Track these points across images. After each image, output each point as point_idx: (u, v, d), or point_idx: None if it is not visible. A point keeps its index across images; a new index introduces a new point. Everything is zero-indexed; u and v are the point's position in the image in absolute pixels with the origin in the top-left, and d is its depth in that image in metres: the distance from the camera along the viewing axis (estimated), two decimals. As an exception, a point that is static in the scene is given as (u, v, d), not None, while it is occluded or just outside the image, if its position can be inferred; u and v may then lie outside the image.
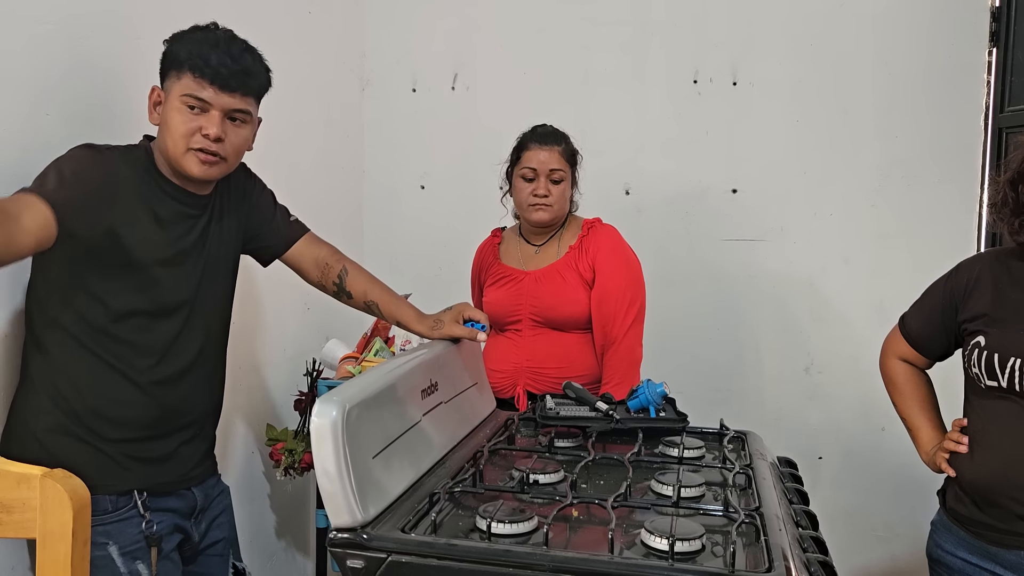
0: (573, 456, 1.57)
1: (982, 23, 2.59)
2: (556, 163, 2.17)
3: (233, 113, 1.52)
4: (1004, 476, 1.53)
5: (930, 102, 2.66)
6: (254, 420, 2.39)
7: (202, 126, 1.48)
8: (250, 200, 1.74)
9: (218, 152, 1.51)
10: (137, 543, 1.50)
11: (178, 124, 1.48)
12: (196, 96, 1.47)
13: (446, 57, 3.02)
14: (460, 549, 1.16)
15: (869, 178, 2.73)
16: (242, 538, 2.34)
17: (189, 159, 1.50)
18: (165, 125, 1.50)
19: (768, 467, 1.58)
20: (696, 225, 2.86)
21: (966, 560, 1.61)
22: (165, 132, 1.50)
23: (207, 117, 1.48)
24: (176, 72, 1.48)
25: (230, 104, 1.50)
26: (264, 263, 1.83)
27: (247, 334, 2.31)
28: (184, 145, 1.49)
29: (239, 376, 2.33)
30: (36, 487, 0.99)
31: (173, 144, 1.49)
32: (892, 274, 2.67)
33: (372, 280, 1.85)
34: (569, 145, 2.22)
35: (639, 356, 2.17)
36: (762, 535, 1.20)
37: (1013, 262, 1.59)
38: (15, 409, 1.51)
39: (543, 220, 2.19)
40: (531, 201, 2.17)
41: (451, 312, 1.79)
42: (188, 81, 1.47)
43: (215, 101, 1.48)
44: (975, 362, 1.56)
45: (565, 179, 2.19)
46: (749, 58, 2.78)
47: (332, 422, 1.16)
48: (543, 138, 2.19)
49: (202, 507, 1.67)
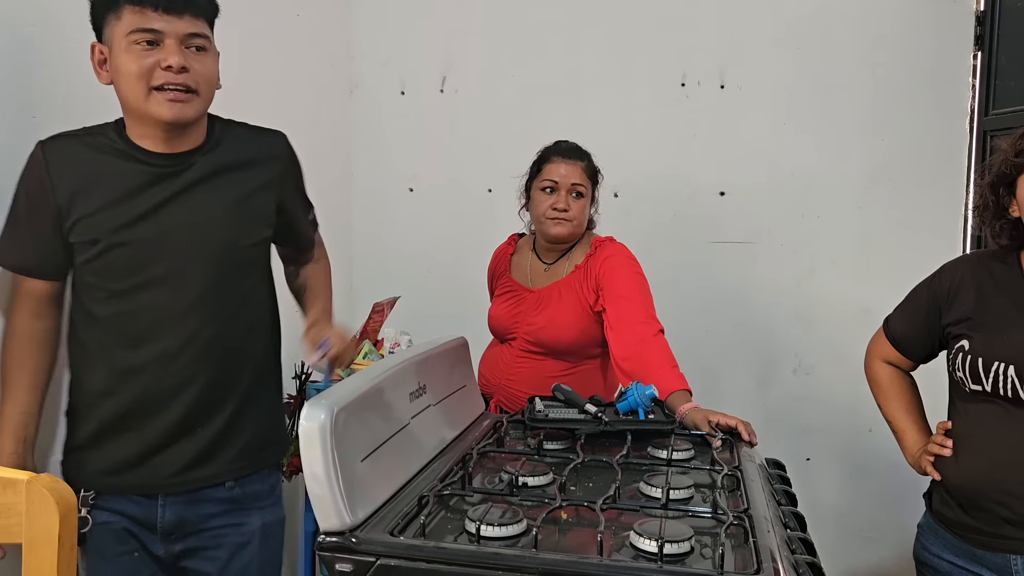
0: (562, 458, 1.57)
1: (967, 27, 2.61)
2: (578, 177, 2.12)
3: (189, 40, 1.35)
4: (989, 479, 1.53)
5: (916, 105, 2.68)
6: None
7: (159, 59, 1.32)
8: (284, 178, 1.57)
9: (186, 84, 1.34)
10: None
11: (130, 65, 1.32)
12: (143, 28, 1.31)
13: (435, 59, 3.01)
14: (449, 552, 1.15)
15: (856, 181, 2.75)
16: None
17: (154, 102, 1.34)
18: (118, 74, 1.34)
19: (756, 468, 1.59)
20: (684, 227, 2.87)
21: (952, 563, 1.62)
22: (121, 82, 1.34)
23: (162, 49, 1.32)
24: (113, 13, 1.33)
25: (184, 28, 1.34)
26: (285, 259, 1.75)
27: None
28: (144, 87, 1.33)
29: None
30: (22, 492, 0.98)
31: (131, 91, 1.33)
32: (879, 276, 2.68)
33: (320, 286, 1.73)
34: (592, 162, 2.18)
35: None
36: (751, 537, 1.21)
37: (996, 265, 1.60)
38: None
39: (561, 235, 2.13)
40: (550, 214, 2.11)
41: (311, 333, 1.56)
42: (129, 16, 1.31)
43: (167, 28, 1.32)
44: (959, 366, 1.57)
45: (586, 195, 2.14)
46: (736, 61, 2.79)
47: (320, 425, 1.15)
48: (566, 152, 2.15)
49: (172, 528, 1.49)
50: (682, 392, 1.85)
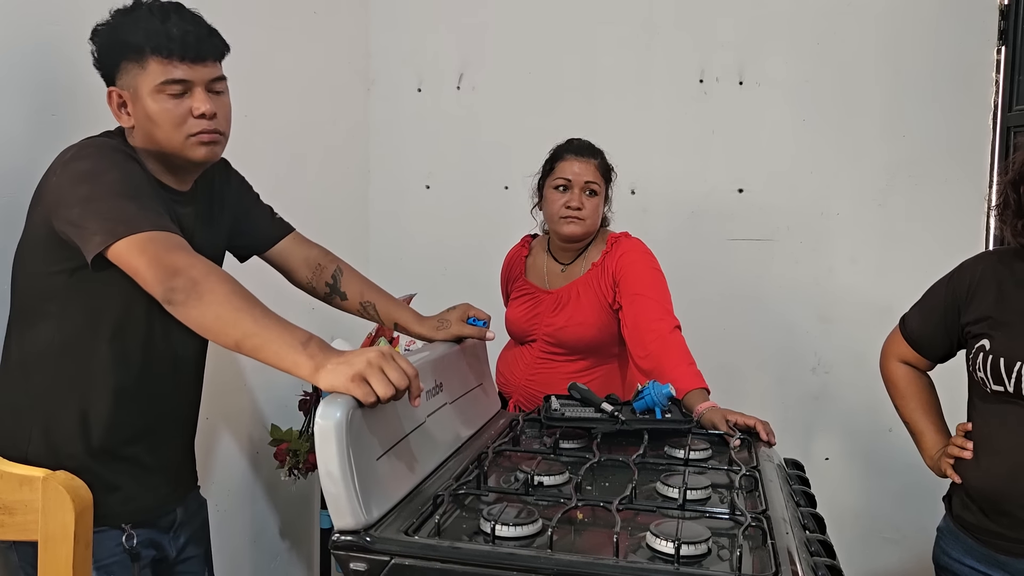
0: (578, 458, 1.56)
1: (991, 21, 2.59)
2: (591, 175, 2.10)
3: (212, 85, 1.41)
4: (1012, 483, 1.52)
5: (937, 101, 2.66)
6: (258, 420, 2.39)
7: (192, 107, 1.38)
8: (232, 194, 1.65)
9: (216, 128, 1.42)
10: (114, 557, 1.43)
11: (166, 116, 1.37)
12: (173, 79, 1.36)
13: (451, 57, 3.02)
14: (464, 552, 1.15)
15: (876, 178, 2.73)
16: (245, 538, 2.35)
17: (190, 146, 1.40)
18: (149, 121, 1.38)
19: (775, 468, 1.57)
20: (702, 224, 2.86)
21: (973, 568, 1.60)
22: (152, 128, 1.39)
23: (193, 97, 1.38)
24: (135, 62, 1.36)
25: (208, 75, 1.39)
26: (241, 259, 1.75)
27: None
28: (182, 135, 1.39)
29: (244, 376, 2.34)
30: (38, 489, 0.99)
31: (168, 138, 1.39)
32: (900, 274, 2.66)
33: (367, 281, 1.82)
34: (605, 160, 2.16)
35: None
36: (769, 538, 1.19)
37: (1017, 264, 1.58)
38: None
39: (575, 233, 2.11)
40: (563, 213, 2.09)
41: (456, 311, 1.77)
42: (155, 68, 1.35)
43: (195, 76, 1.37)
44: (980, 366, 1.55)
45: (599, 193, 2.12)
46: (755, 58, 2.78)
47: (336, 424, 1.15)
48: (579, 150, 2.13)
49: (182, 521, 1.60)
50: (700, 391, 1.84)
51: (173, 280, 1.20)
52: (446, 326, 1.75)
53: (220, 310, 1.19)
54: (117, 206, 1.27)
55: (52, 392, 1.39)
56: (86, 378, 1.40)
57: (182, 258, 1.23)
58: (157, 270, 1.21)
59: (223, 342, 1.21)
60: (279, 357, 1.17)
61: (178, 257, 1.23)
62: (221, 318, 1.20)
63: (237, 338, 1.19)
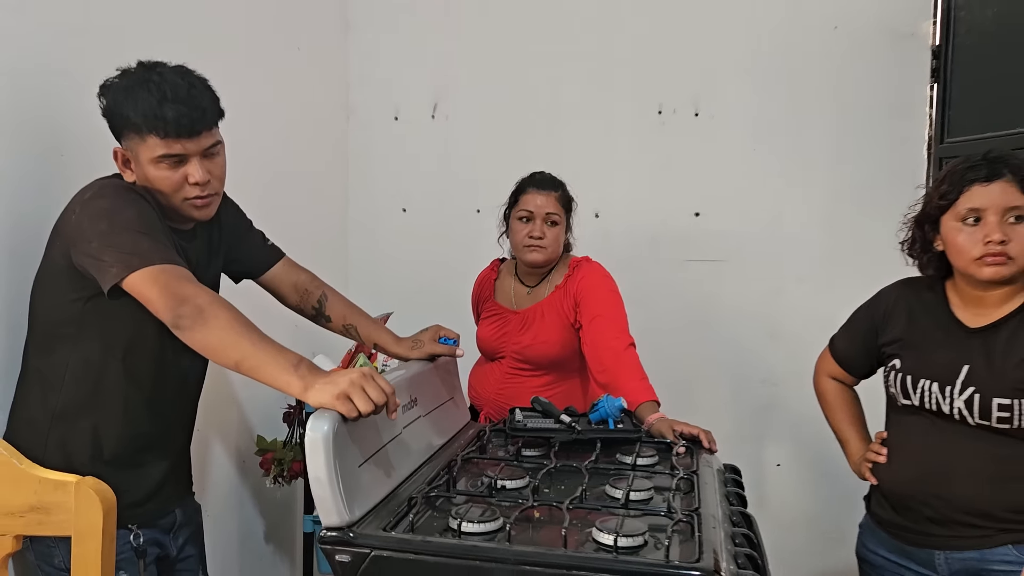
0: (537, 464, 1.72)
1: (924, 60, 2.74)
2: (552, 207, 2.25)
3: (208, 150, 1.53)
4: (918, 484, 1.70)
5: (877, 133, 2.83)
6: (245, 431, 2.52)
7: (187, 175, 1.51)
8: (227, 223, 1.78)
9: (209, 192, 1.55)
10: (123, 554, 1.54)
11: (164, 183, 1.51)
12: (169, 154, 1.48)
13: (427, 88, 3.18)
14: (434, 545, 1.32)
15: (821, 203, 2.90)
16: (232, 541, 2.47)
17: (187, 208, 1.55)
18: (149, 182, 1.52)
19: (713, 473, 1.75)
20: (660, 247, 3.02)
21: (886, 558, 1.79)
22: (152, 188, 1.52)
23: (188, 166, 1.51)
24: (136, 135, 1.48)
25: (203, 145, 1.52)
26: (235, 280, 1.90)
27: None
28: (179, 198, 1.53)
29: (233, 389, 2.47)
30: (71, 492, 1.16)
31: (166, 199, 1.53)
32: (842, 294, 2.78)
33: (350, 305, 1.99)
34: (565, 192, 2.31)
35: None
36: (696, 532, 1.38)
37: (925, 292, 1.77)
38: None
39: (537, 261, 2.27)
40: (527, 242, 2.25)
41: (428, 332, 1.96)
42: (154, 143, 1.47)
43: (190, 149, 1.50)
44: (892, 382, 1.74)
45: (560, 223, 2.27)
46: (710, 92, 2.96)
47: (324, 436, 1.32)
48: (541, 183, 2.28)
49: (181, 523, 1.75)
50: (650, 403, 2.02)
51: (181, 307, 1.37)
52: (420, 346, 1.93)
53: (222, 334, 1.37)
54: (132, 240, 1.43)
55: (68, 407, 1.55)
56: (99, 394, 1.56)
57: (189, 288, 1.40)
58: (167, 298, 1.38)
59: (224, 362, 1.39)
60: (273, 377, 1.35)
61: (186, 287, 1.39)
62: (223, 341, 1.37)
63: (237, 359, 1.36)
